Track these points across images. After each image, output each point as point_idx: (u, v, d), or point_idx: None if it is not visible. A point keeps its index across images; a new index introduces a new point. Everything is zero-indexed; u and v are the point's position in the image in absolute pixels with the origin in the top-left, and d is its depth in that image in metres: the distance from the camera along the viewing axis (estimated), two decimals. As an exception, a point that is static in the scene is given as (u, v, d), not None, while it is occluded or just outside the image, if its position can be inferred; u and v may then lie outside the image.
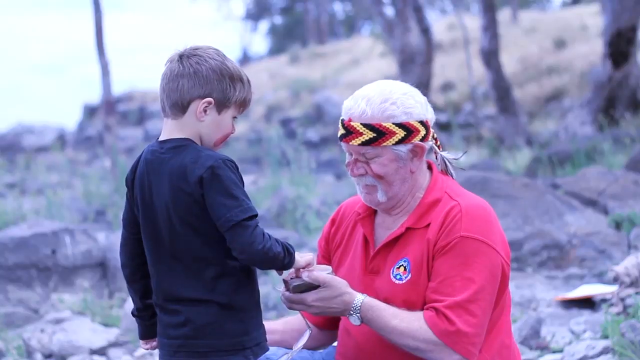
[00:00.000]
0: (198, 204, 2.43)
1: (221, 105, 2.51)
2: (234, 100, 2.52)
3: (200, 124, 2.50)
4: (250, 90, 2.57)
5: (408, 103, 2.72)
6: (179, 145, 2.48)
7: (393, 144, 2.70)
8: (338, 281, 2.64)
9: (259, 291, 2.56)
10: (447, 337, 2.59)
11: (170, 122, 2.52)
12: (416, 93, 2.77)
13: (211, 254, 2.46)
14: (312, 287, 2.61)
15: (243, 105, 2.56)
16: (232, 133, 2.58)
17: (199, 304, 2.46)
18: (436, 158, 2.87)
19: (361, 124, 2.70)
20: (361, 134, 2.70)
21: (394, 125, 2.69)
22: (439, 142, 2.85)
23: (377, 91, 2.73)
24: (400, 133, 2.70)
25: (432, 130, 2.79)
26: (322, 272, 2.63)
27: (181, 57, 2.52)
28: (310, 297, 2.62)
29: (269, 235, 2.44)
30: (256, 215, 2.43)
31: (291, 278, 2.61)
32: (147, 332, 2.67)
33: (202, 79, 2.48)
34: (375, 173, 2.73)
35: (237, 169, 2.46)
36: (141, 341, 2.70)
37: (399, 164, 2.73)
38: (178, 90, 2.49)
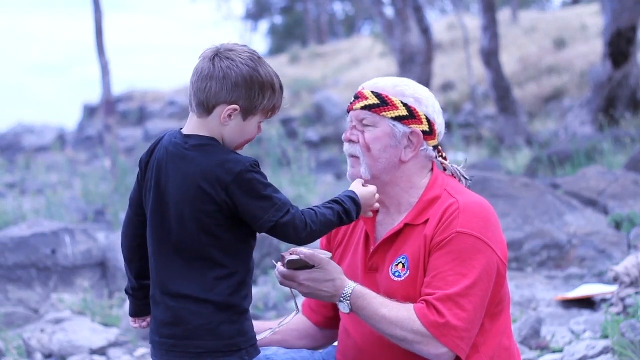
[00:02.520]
0: (218, 206, 2.42)
1: (247, 113, 2.49)
2: (261, 108, 2.50)
3: (223, 127, 2.48)
4: (282, 97, 2.54)
5: (421, 93, 2.79)
6: (204, 144, 2.47)
7: (392, 117, 2.74)
8: (333, 266, 2.64)
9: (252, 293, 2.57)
10: (435, 329, 2.58)
11: (195, 119, 2.51)
12: (433, 97, 2.83)
13: (220, 257, 2.45)
14: (307, 266, 2.62)
15: (272, 111, 2.54)
16: (259, 134, 2.56)
17: (194, 303, 2.45)
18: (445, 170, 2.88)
19: (371, 91, 2.78)
20: (366, 98, 2.77)
21: (399, 102, 2.75)
22: (446, 162, 2.85)
23: (397, 77, 2.84)
24: (403, 111, 2.75)
25: (437, 139, 2.81)
26: (320, 255, 2.64)
27: (214, 57, 2.48)
28: (302, 275, 2.62)
29: (316, 212, 2.46)
30: (291, 205, 2.44)
31: (290, 254, 2.62)
32: (138, 310, 2.66)
33: (231, 85, 2.45)
34: (366, 142, 2.75)
35: (260, 168, 2.47)
36: (131, 319, 2.69)
37: (391, 142, 2.75)
38: (205, 92, 2.46)
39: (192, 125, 2.51)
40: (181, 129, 2.55)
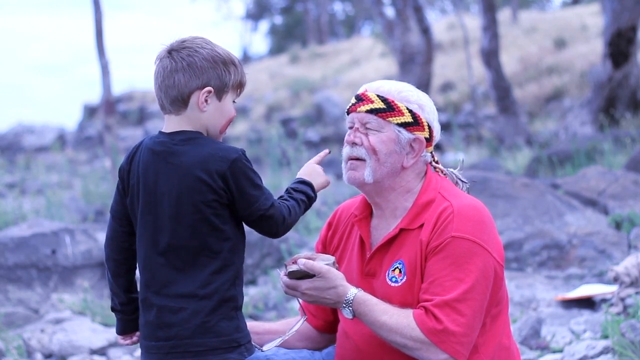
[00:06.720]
0: (217, 194, 2.46)
1: (220, 92, 2.54)
2: (231, 85, 2.56)
3: (203, 114, 2.53)
4: (244, 72, 2.60)
5: (424, 100, 2.79)
6: (192, 138, 2.51)
7: (397, 124, 2.73)
8: (334, 273, 2.65)
9: None
10: (434, 335, 2.59)
11: (173, 117, 2.54)
12: (432, 103, 2.82)
13: (217, 246, 2.48)
14: (308, 275, 2.63)
15: (240, 87, 2.60)
16: (234, 116, 2.62)
17: (193, 300, 2.46)
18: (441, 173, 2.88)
19: (376, 94, 2.76)
20: (372, 101, 2.75)
21: (405, 108, 2.75)
22: (439, 166, 2.86)
23: (398, 82, 2.82)
24: (408, 117, 2.74)
25: (433, 145, 2.82)
26: (322, 262, 2.65)
27: (170, 52, 2.54)
28: (304, 284, 2.64)
29: (287, 206, 2.54)
30: (273, 197, 2.53)
31: (293, 263, 2.63)
32: (127, 327, 2.68)
33: (197, 70, 2.51)
34: (371, 145, 2.74)
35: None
36: (120, 337, 2.71)
37: (395, 148, 2.75)
38: (175, 86, 2.51)
39: (173, 124, 2.55)
40: (160, 131, 2.58)
